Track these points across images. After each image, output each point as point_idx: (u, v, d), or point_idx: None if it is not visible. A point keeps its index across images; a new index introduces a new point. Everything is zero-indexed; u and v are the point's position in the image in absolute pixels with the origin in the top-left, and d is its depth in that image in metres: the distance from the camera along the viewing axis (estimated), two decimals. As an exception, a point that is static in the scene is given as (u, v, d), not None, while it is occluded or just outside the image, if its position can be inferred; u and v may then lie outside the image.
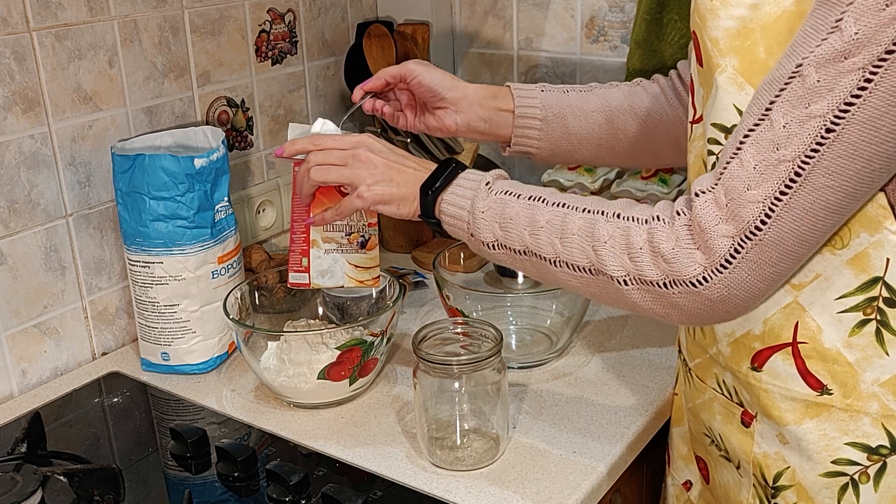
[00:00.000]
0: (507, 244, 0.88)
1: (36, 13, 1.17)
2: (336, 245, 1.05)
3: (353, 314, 1.28)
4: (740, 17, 0.76)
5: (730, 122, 0.79)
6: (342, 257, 1.06)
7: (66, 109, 1.22)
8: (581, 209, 0.84)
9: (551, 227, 0.85)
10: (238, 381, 1.24)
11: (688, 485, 1.06)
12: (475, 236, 0.91)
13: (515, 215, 0.87)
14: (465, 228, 0.91)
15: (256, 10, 1.47)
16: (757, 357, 0.85)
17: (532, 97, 1.10)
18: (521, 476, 1.00)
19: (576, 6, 1.58)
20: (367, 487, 0.99)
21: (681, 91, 1.10)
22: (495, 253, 0.90)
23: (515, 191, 0.89)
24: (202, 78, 1.40)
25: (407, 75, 1.09)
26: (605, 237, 0.81)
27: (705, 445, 0.97)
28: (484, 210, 0.89)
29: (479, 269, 1.47)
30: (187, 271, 1.20)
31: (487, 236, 0.89)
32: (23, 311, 1.22)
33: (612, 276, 0.81)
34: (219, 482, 1.03)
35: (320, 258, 1.05)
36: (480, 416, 1.05)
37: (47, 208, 1.22)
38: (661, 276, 0.78)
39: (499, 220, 0.88)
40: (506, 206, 0.88)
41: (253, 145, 1.52)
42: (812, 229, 0.73)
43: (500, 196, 0.89)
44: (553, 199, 0.87)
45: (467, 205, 0.91)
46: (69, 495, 1.00)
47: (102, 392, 1.24)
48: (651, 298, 0.80)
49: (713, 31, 0.78)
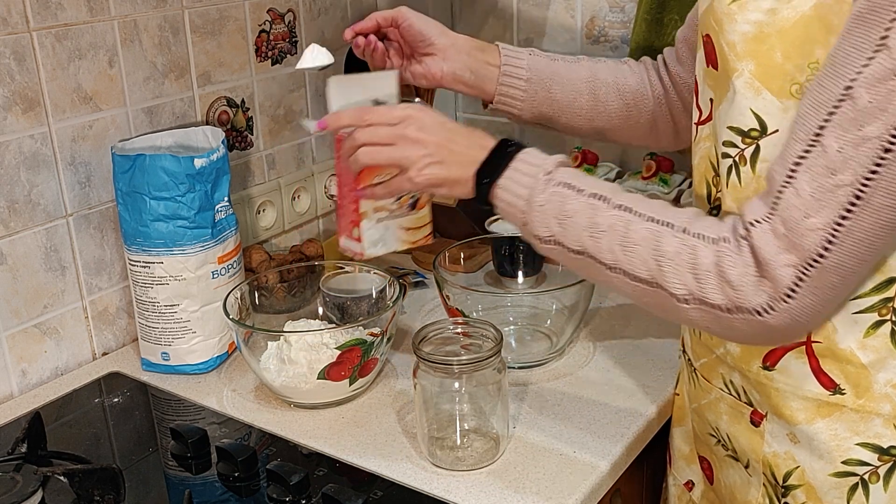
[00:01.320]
0: (563, 242, 0.84)
1: (36, 13, 1.17)
2: (387, 213, 1.00)
3: (353, 314, 1.28)
4: (757, 22, 0.76)
5: (747, 125, 0.79)
6: (394, 223, 1.01)
7: (66, 109, 1.22)
8: (646, 217, 0.80)
9: (613, 231, 0.80)
10: (238, 381, 1.24)
11: (689, 485, 1.06)
12: (529, 227, 0.86)
13: (575, 213, 0.82)
14: (519, 217, 0.86)
15: (256, 10, 1.47)
16: (770, 356, 0.84)
17: (519, 57, 1.10)
18: (521, 476, 1.00)
19: (576, 6, 1.58)
20: (367, 487, 0.99)
21: (664, 76, 1.11)
22: (548, 248, 0.85)
23: (577, 184, 0.84)
24: (202, 78, 1.40)
25: (398, 18, 1.07)
26: (671, 252, 0.77)
27: (710, 445, 0.97)
28: (542, 203, 0.84)
29: (479, 269, 1.48)
30: (187, 271, 1.20)
31: (542, 231, 0.85)
32: (23, 311, 1.22)
33: (673, 293, 0.78)
34: (219, 482, 1.03)
35: (372, 228, 1.00)
36: (480, 416, 1.05)
37: (47, 208, 1.22)
38: (725, 301, 0.76)
39: (557, 215, 0.83)
40: (565, 202, 0.83)
41: (253, 145, 1.52)
42: (872, 249, 0.72)
43: (559, 189, 0.84)
44: (617, 200, 0.82)
45: (524, 193, 0.85)
46: (69, 495, 1.00)
47: (103, 392, 1.24)
48: (710, 319, 0.78)
49: (730, 35, 0.78)
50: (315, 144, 1.64)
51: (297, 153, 1.60)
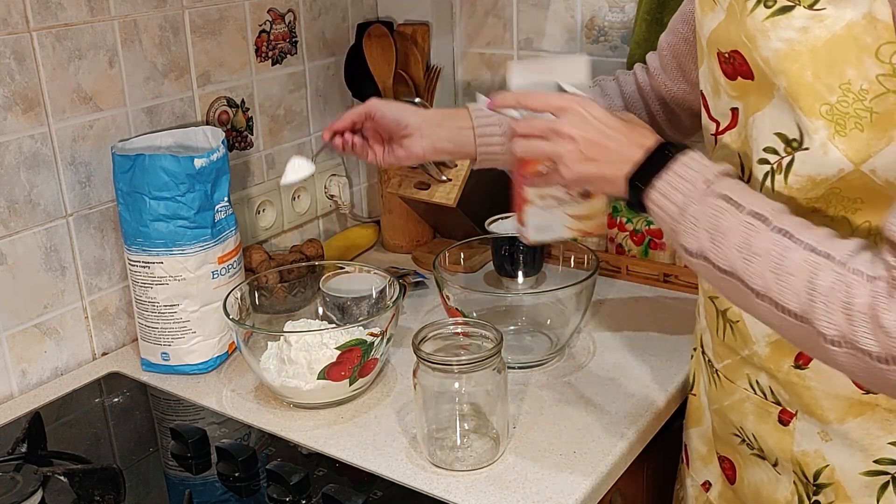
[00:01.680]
0: (712, 259, 0.78)
1: (36, 13, 1.17)
2: (554, 200, 0.98)
3: (353, 314, 1.28)
4: (789, 40, 0.75)
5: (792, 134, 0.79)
6: (560, 210, 0.98)
7: (66, 109, 1.22)
8: (806, 245, 0.73)
9: (768, 257, 0.74)
10: (238, 381, 1.24)
11: (707, 485, 1.06)
12: (678, 236, 0.81)
13: (729, 230, 0.77)
14: (669, 223, 0.82)
15: (256, 10, 1.47)
16: (802, 355, 0.84)
17: (489, 114, 1.11)
18: (521, 476, 1.00)
19: (576, 6, 1.58)
20: (367, 487, 0.99)
21: (644, 87, 1.12)
22: (694, 261, 0.81)
23: (737, 199, 0.78)
24: (202, 78, 1.40)
25: (371, 111, 1.11)
26: (826, 288, 0.71)
27: (734, 445, 0.97)
28: (696, 215, 0.79)
29: (479, 269, 1.48)
30: (187, 271, 1.20)
31: (692, 243, 0.80)
32: (23, 311, 1.22)
33: (823, 332, 0.71)
34: (219, 482, 1.03)
35: (537, 214, 0.99)
36: (480, 416, 1.05)
37: (47, 208, 1.22)
38: (878, 348, 0.68)
39: (710, 229, 0.78)
40: (721, 217, 0.78)
41: (253, 145, 1.52)
42: None
43: (718, 201, 0.79)
44: (777, 223, 0.76)
45: (679, 200, 0.81)
46: (69, 495, 1.00)
47: (103, 392, 1.24)
48: (861, 367, 0.71)
49: (763, 51, 0.77)
50: (315, 144, 1.64)
51: (297, 153, 1.60)
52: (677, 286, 1.46)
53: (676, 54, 1.08)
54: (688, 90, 1.10)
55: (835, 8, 0.73)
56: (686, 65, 1.08)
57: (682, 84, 1.10)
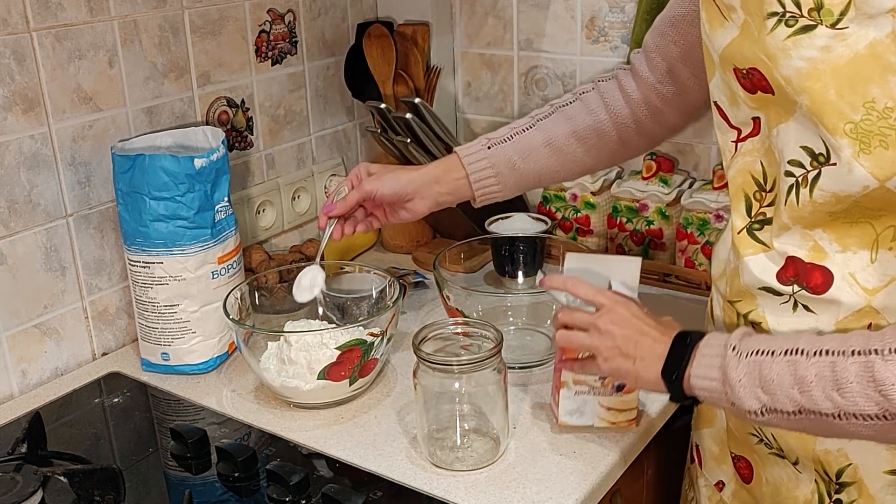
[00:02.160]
0: (777, 407, 0.80)
1: (36, 13, 1.17)
2: (587, 388, 1.04)
3: (353, 314, 1.28)
4: (811, 59, 0.75)
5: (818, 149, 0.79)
6: (594, 399, 1.05)
7: (66, 109, 1.22)
8: (849, 352, 0.76)
9: (822, 380, 0.76)
10: (238, 381, 1.24)
11: (720, 485, 1.05)
12: (738, 406, 0.83)
13: (777, 376, 0.79)
14: (724, 399, 0.84)
15: (256, 11, 1.47)
16: None
17: (480, 158, 1.15)
18: (521, 476, 1.00)
19: (576, 6, 1.58)
20: (367, 487, 0.99)
21: (630, 90, 1.12)
22: (765, 419, 0.82)
23: (767, 348, 0.81)
24: (202, 78, 1.40)
25: (371, 194, 1.15)
26: (892, 378, 0.73)
27: (751, 445, 0.97)
28: (740, 378, 0.82)
29: (479, 269, 1.48)
30: (187, 271, 1.20)
31: (752, 404, 0.81)
32: (23, 312, 1.22)
33: None
34: (219, 482, 1.03)
35: (570, 398, 1.05)
36: (480, 416, 1.05)
37: (47, 208, 1.22)
38: None
39: (760, 384, 0.81)
40: (762, 368, 0.80)
41: (253, 145, 1.52)
42: None
43: (752, 358, 0.81)
44: (813, 348, 0.78)
45: (718, 375, 0.84)
46: (69, 495, 1.00)
47: (103, 392, 1.24)
48: None
49: (784, 69, 0.77)
50: (315, 144, 1.64)
51: (297, 153, 1.60)
52: (677, 286, 1.46)
53: (665, 57, 1.08)
54: (677, 91, 1.10)
55: (858, 27, 0.73)
56: (675, 67, 1.08)
57: (671, 86, 1.10)
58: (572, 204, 1.56)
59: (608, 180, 1.56)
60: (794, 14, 0.75)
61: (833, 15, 0.73)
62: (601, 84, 1.15)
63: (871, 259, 0.80)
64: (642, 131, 1.14)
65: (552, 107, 1.17)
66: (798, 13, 0.75)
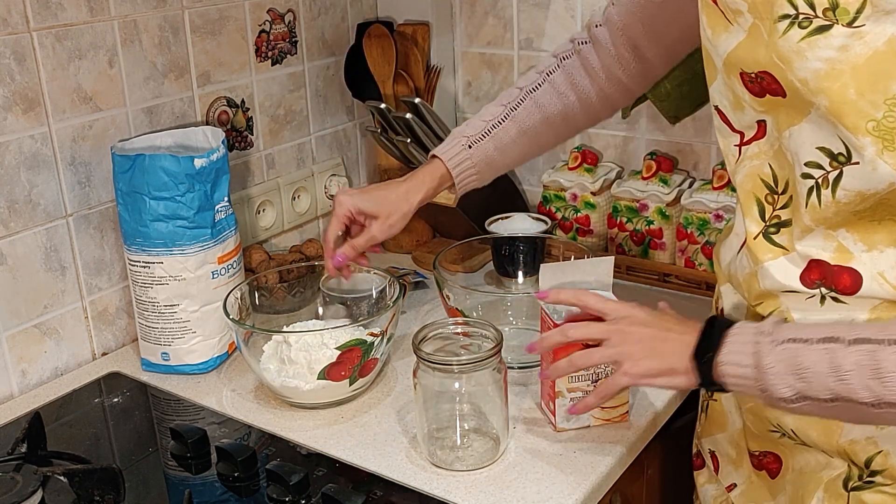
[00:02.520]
0: (812, 395, 0.79)
1: (36, 13, 1.17)
2: (582, 393, 1.05)
3: (353, 314, 1.28)
4: (829, 59, 0.75)
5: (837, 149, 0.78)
6: None
7: (66, 109, 1.22)
8: (889, 340, 0.76)
9: (861, 368, 0.76)
10: (238, 381, 1.24)
11: (731, 487, 1.05)
12: (769, 392, 0.82)
13: (813, 364, 0.79)
14: (754, 386, 0.83)
15: (256, 10, 1.47)
16: None
17: (463, 159, 1.18)
18: (521, 476, 1.00)
19: (576, 6, 1.58)
20: (367, 487, 0.99)
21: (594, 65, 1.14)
22: (798, 406, 0.81)
23: (802, 335, 0.81)
24: (202, 78, 1.40)
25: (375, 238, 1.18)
26: None
27: (774, 440, 0.96)
28: (773, 365, 0.81)
29: (479, 269, 1.48)
30: (187, 271, 1.20)
31: (785, 391, 0.81)
32: (23, 312, 1.22)
33: None
34: (219, 482, 1.03)
35: (566, 405, 1.06)
36: (480, 416, 1.05)
37: (47, 208, 1.22)
38: None
39: (794, 371, 0.80)
40: (798, 356, 0.80)
41: (253, 145, 1.52)
42: None
43: (786, 345, 0.81)
44: (850, 336, 0.78)
45: (750, 361, 0.83)
46: (69, 495, 1.00)
47: (102, 392, 1.24)
48: None
49: (800, 72, 0.77)
50: (315, 144, 1.64)
51: (297, 153, 1.60)
52: (677, 286, 1.46)
53: (631, 35, 1.10)
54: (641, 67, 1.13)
55: (874, 24, 0.72)
56: (641, 45, 1.10)
57: (636, 63, 1.12)
58: (572, 204, 1.56)
59: (608, 180, 1.56)
60: (808, 15, 0.75)
61: (849, 14, 0.73)
62: (566, 63, 1.17)
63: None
64: (606, 104, 1.18)
65: (522, 91, 1.19)
66: (812, 14, 0.75)
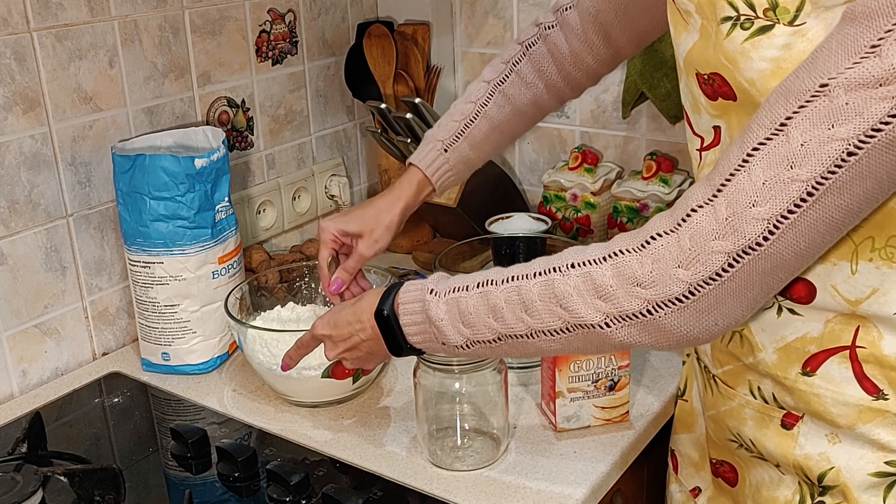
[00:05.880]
0: (478, 338, 0.86)
1: (36, 13, 1.17)
2: (582, 393, 1.07)
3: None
4: (773, 59, 0.75)
5: None
6: (588, 402, 1.08)
7: (67, 109, 1.22)
8: (532, 274, 0.82)
9: (511, 303, 0.83)
10: (238, 381, 1.24)
11: (696, 491, 1.05)
12: (448, 345, 0.88)
13: (473, 308, 0.85)
14: (436, 340, 0.89)
15: (256, 11, 1.47)
16: (810, 361, 0.84)
17: (441, 164, 1.17)
18: (521, 476, 1.00)
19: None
20: (367, 487, 0.99)
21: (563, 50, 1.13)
22: (472, 350, 0.88)
23: (462, 284, 0.87)
24: (202, 78, 1.40)
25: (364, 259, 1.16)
26: (569, 290, 0.79)
27: (731, 450, 0.96)
28: (442, 317, 0.87)
29: (479, 269, 1.47)
30: (188, 271, 1.20)
31: (457, 339, 0.87)
32: (23, 312, 1.22)
33: (591, 323, 0.79)
34: (219, 482, 1.03)
35: (566, 406, 1.08)
36: (481, 416, 1.05)
37: (48, 208, 1.22)
38: (641, 304, 0.76)
39: (460, 319, 0.86)
40: (459, 304, 0.86)
41: (253, 145, 1.52)
42: (812, 245, 0.72)
43: (451, 296, 0.87)
44: (501, 277, 0.85)
45: (423, 319, 0.89)
46: (69, 495, 1.00)
47: (103, 392, 1.24)
48: (637, 331, 0.78)
49: (747, 72, 0.77)
50: (315, 144, 1.64)
51: (298, 153, 1.61)
52: (677, 286, 1.45)
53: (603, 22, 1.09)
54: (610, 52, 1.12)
55: (816, 20, 0.72)
56: (612, 32, 1.10)
57: (606, 49, 1.12)
58: (572, 204, 1.56)
59: (608, 180, 1.56)
60: (749, 16, 0.75)
61: (789, 12, 0.73)
62: (532, 50, 1.16)
63: (851, 271, 0.79)
64: (574, 86, 1.17)
65: (489, 84, 1.18)
66: (753, 15, 0.75)
